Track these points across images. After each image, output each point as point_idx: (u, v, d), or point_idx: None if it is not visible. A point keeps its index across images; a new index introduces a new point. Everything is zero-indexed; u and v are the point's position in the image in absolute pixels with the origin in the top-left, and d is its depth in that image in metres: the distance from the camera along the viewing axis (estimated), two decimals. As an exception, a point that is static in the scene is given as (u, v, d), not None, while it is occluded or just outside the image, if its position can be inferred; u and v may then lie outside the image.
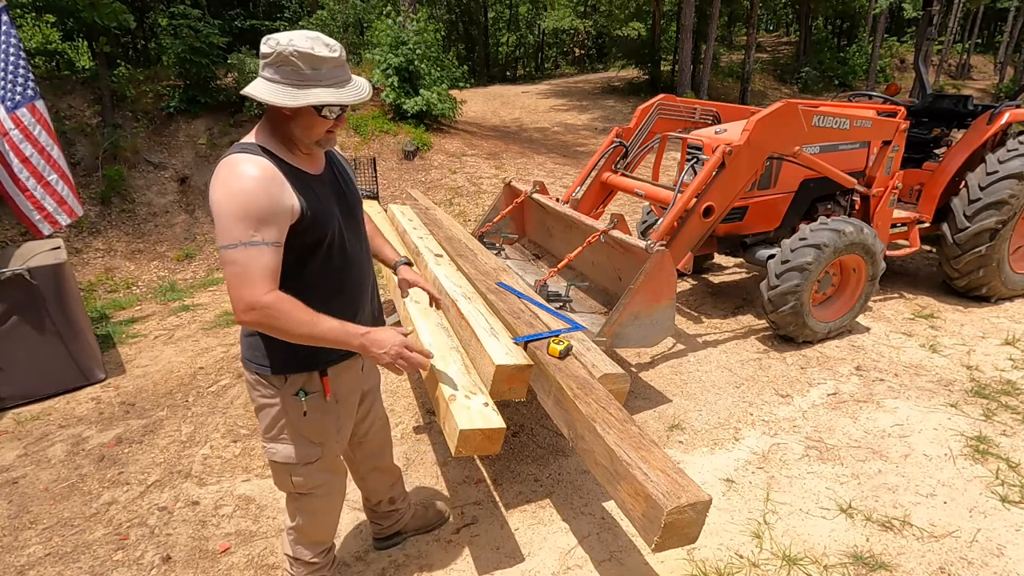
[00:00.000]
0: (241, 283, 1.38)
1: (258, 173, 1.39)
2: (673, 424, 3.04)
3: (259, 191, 1.38)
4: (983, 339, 3.89)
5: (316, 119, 1.44)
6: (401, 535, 2.31)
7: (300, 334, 1.45)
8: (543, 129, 13.17)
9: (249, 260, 1.37)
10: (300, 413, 1.62)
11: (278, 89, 1.39)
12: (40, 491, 2.71)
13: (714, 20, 16.78)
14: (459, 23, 26.24)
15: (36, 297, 3.38)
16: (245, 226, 1.36)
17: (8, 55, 3.92)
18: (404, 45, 9.50)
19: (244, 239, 1.36)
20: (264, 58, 1.40)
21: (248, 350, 1.62)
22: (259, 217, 1.38)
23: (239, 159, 1.41)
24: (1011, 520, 2.35)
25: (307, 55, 1.37)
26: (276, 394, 1.61)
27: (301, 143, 1.50)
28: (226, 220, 1.36)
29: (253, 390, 1.65)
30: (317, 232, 1.52)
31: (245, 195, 1.36)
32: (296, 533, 1.85)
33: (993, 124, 4.28)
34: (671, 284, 2.80)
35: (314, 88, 1.40)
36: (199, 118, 7.81)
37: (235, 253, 1.37)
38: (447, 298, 2.66)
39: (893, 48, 25.16)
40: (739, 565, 2.17)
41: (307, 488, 1.74)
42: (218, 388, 3.58)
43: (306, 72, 1.38)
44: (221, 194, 1.38)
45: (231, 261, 1.37)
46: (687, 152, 4.12)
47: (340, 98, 1.42)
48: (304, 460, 1.68)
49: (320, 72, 1.40)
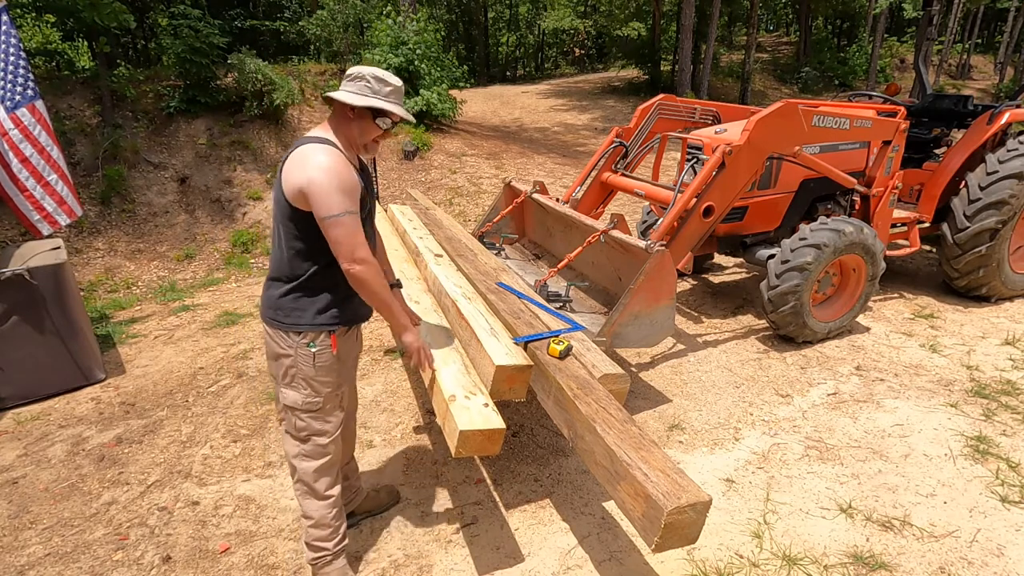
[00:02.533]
0: (354, 242, 1.73)
1: (342, 160, 1.75)
2: (673, 424, 3.04)
3: (347, 172, 1.73)
4: (983, 339, 3.89)
5: (371, 125, 1.83)
6: (355, 516, 2.41)
7: (378, 295, 1.82)
8: (543, 129, 13.18)
9: (354, 225, 1.73)
10: (311, 363, 1.89)
11: (350, 95, 1.80)
12: (40, 491, 2.71)
13: (714, 20, 16.78)
14: (459, 23, 26.25)
15: (36, 297, 3.38)
16: (347, 198, 1.71)
17: (8, 55, 3.92)
18: (404, 45, 9.50)
19: (348, 208, 1.71)
20: (346, 79, 1.84)
21: (270, 309, 1.90)
22: (352, 193, 1.73)
23: (325, 148, 1.74)
24: (1011, 520, 2.35)
25: (378, 77, 1.82)
26: (292, 346, 1.87)
27: (355, 143, 1.85)
28: (328, 193, 1.68)
29: (272, 342, 1.92)
30: (362, 210, 1.84)
31: (338, 174, 1.70)
32: (302, 486, 2.02)
33: (993, 124, 4.29)
34: (671, 284, 2.80)
35: (376, 99, 1.81)
36: (199, 118, 7.81)
37: (344, 219, 1.70)
38: (447, 298, 2.67)
39: (893, 48, 25.16)
40: (739, 565, 2.17)
41: (307, 432, 1.97)
42: (218, 388, 3.58)
43: (375, 87, 1.82)
44: (320, 174, 1.68)
45: (341, 224, 1.70)
46: (687, 152, 4.12)
47: (394, 109, 1.83)
48: (308, 407, 1.93)
49: (383, 91, 1.83)
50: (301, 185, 1.69)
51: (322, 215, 1.69)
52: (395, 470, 2.76)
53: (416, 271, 3.24)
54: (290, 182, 1.72)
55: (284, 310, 1.88)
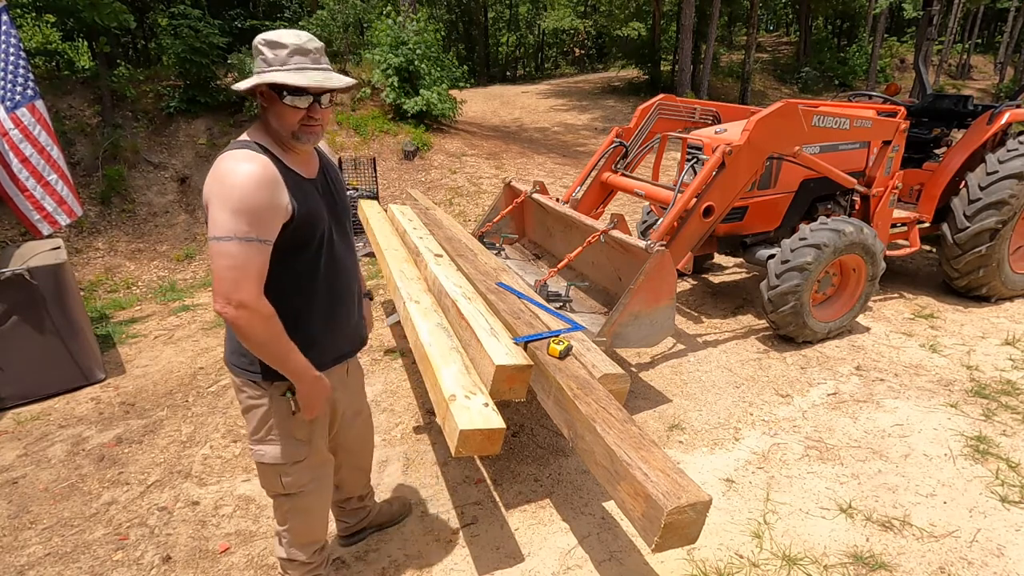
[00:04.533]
0: (235, 278, 1.36)
1: (258, 170, 1.39)
2: (673, 424, 3.04)
3: (259, 188, 1.37)
4: (983, 339, 3.89)
5: (282, 107, 1.43)
6: (366, 531, 2.34)
7: (266, 347, 1.45)
8: (543, 129, 13.18)
9: (245, 256, 1.36)
10: (288, 412, 1.62)
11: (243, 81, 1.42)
12: (40, 491, 2.71)
13: (714, 20, 16.78)
14: (459, 23, 26.25)
15: (36, 297, 3.38)
16: (242, 220, 1.35)
17: (8, 55, 3.92)
18: (404, 45, 9.50)
19: (240, 233, 1.35)
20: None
21: (233, 354, 1.61)
22: (257, 214, 1.37)
23: (240, 155, 1.41)
24: (1011, 520, 2.35)
25: (271, 41, 1.40)
26: (264, 395, 1.61)
27: (280, 136, 1.49)
28: (222, 212, 1.35)
29: (240, 392, 1.65)
30: (306, 234, 1.51)
31: (244, 190, 1.35)
32: (290, 535, 1.83)
33: (993, 124, 4.29)
34: (671, 284, 2.80)
35: (269, 72, 1.40)
36: (199, 118, 7.81)
37: (229, 246, 1.35)
38: (447, 298, 2.66)
39: (893, 48, 25.15)
40: (739, 565, 2.17)
41: (297, 487, 1.73)
42: (218, 388, 3.58)
43: (268, 57, 1.40)
44: (220, 187, 1.37)
45: (224, 253, 1.35)
46: (687, 152, 4.12)
47: (291, 79, 1.38)
48: (292, 459, 1.68)
49: (279, 56, 1.40)
50: (206, 199, 1.39)
51: (209, 234, 1.37)
52: (395, 470, 2.76)
53: (416, 271, 3.24)
54: (203, 195, 1.41)
55: (249, 356, 1.56)
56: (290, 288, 1.53)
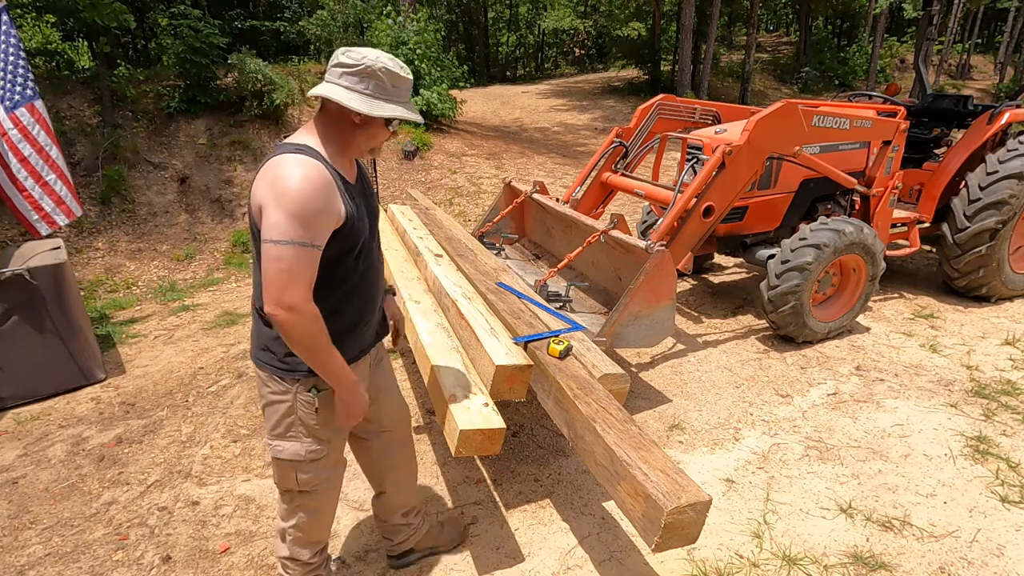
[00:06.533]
0: (288, 281, 1.39)
1: (316, 176, 1.42)
2: (673, 424, 3.04)
3: (316, 194, 1.41)
4: (983, 339, 3.89)
5: (383, 131, 1.57)
6: (414, 552, 2.21)
7: (312, 351, 1.49)
8: (543, 129, 13.17)
9: (298, 260, 1.40)
10: (312, 410, 1.64)
11: (361, 98, 1.48)
12: (40, 491, 2.71)
13: (714, 20, 16.78)
14: (459, 23, 26.23)
15: (36, 297, 3.38)
16: (298, 225, 1.38)
17: (8, 55, 3.92)
18: (404, 45, 9.50)
19: (296, 238, 1.38)
20: (343, 67, 1.48)
21: (261, 349, 1.63)
22: (313, 219, 1.41)
23: (297, 159, 1.43)
24: (1011, 520, 2.35)
25: (392, 73, 1.51)
26: (287, 391, 1.62)
27: (358, 149, 1.59)
28: (279, 215, 1.38)
29: (263, 386, 1.66)
30: (353, 239, 1.56)
31: (302, 195, 1.38)
32: (296, 532, 1.82)
33: (993, 124, 4.29)
34: (671, 284, 2.80)
35: (391, 103, 1.52)
36: (199, 118, 7.80)
37: (285, 250, 1.38)
38: (447, 298, 2.66)
39: (893, 48, 25.15)
40: (739, 565, 2.17)
41: (311, 485, 1.74)
42: (218, 388, 3.58)
43: (388, 88, 1.51)
44: (277, 191, 1.39)
45: (278, 257, 1.38)
46: (687, 152, 4.12)
47: (410, 116, 1.55)
48: (311, 457, 1.69)
49: (398, 90, 1.54)
50: (261, 202, 1.40)
51: (264, 236, 1.39)
52: (395, 470, 2.76)
53: (416, 271, 3.24)
54: (255, 197, 1.43)
55: (276, 352, 1.60)
56: (328, 290, 1.56)
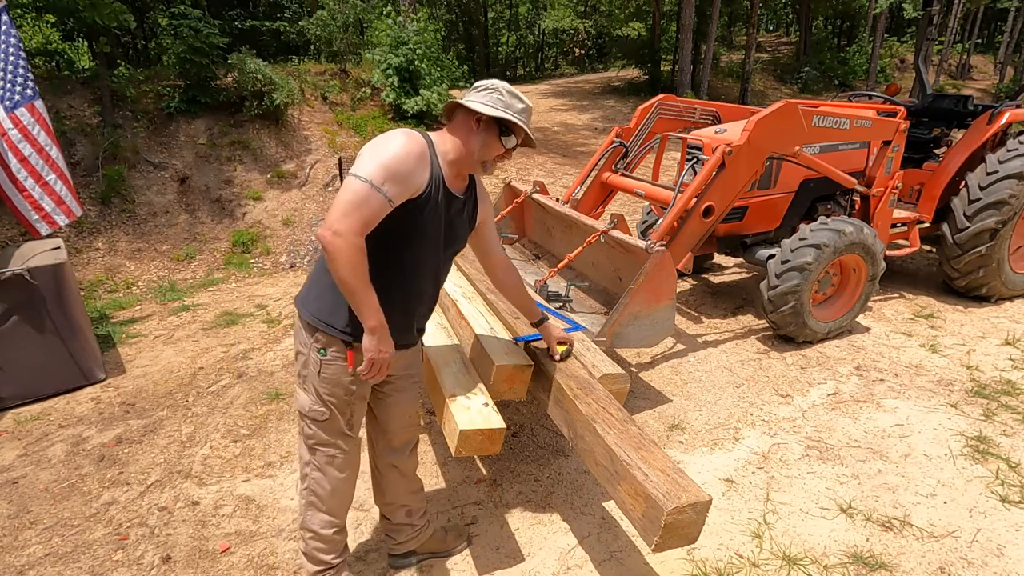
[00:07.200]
0: (349, 210, 1.51)
1: (415, 144, 1.61)
2: (673, 424, 3.04)
3: (407, 156, 1.58)
4: (983, 339, 3.89)
5: (497, 143, 1.74)
6: (416, 555, 2.22)
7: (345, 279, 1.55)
8: (543, 129, 13.16)
9: (366, 199, 1.52)
10: (316, 370, 1.74)
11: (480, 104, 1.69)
12: (40, 491, 2.71)
13: (714, 20, 16.77)
14: (459, 23, 26.23)
15: (36, 297, 3.38)
16: (381, 172, 1.53)
17: (8, 55, 3.92)
18: (404, 45, 9.49)
19: (375, 180, 1.53)
20: (474, 89, 1.74)
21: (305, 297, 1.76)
22: (397, 174, 1.56)
23: (406, 130, 1.64)
24: (1011, 520, 2.35)
25: (512, 91, 1.73)
26: (306, 345, 1.75)
27: (473, 158, 1.73)
28: (370, 159, 1.55)
29: (299, 333, 1.78)
30: (414, 223, 1.66)
31: (396, 152, 1.56)
32: (309, 495, 1.89)
33: (993, 124, 4.29)
34: (671, 284, 2.80)
35: (508, 113, 1.71)
36: (199, 118, 7.80)
37: (361, 186, 1.52)
38: (447, 298, 2.67)
39: (893, 48, 25.14)
40: (739, 565, 2.17)
41: (318, 443, 1.84)
42: (218, 388, 3.58)
43: (507, 101, 1.72)
44: (378, 145, 1.58)
45: (352, 189, 1.52)
46: (687, 152, 4.12)
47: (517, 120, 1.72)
48: (314, 416, 1.79)
49: (516, 107, 1.73)
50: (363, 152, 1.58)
51: (350, 172, 1.56)
52: (395, 470, 2.76)
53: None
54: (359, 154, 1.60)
55: (320, 300, 1.71)
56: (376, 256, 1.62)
